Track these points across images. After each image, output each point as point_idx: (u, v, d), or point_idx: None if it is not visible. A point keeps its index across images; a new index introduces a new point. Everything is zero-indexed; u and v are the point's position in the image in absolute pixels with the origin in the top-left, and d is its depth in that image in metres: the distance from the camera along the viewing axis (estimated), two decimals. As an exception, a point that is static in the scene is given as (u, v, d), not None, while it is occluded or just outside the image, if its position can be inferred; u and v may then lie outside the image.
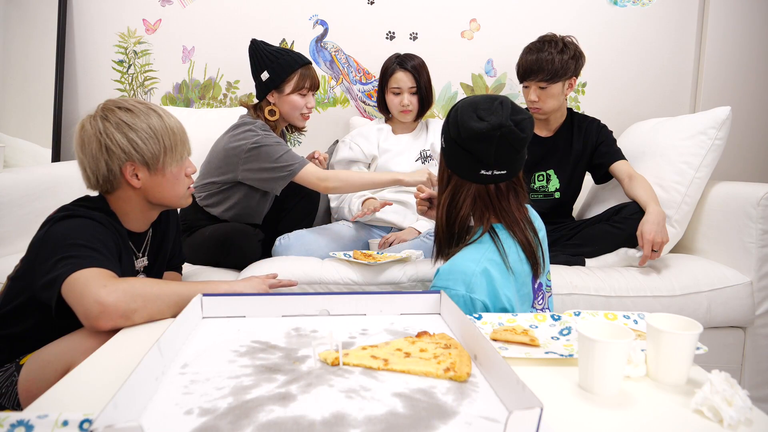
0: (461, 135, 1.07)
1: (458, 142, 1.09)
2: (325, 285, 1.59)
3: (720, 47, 2.35)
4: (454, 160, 1.13)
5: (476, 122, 1.06)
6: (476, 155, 1.08)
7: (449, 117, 1.13)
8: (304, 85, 1.78)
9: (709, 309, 1.64)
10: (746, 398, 0.66)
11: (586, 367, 0.73)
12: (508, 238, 1.13)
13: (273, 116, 1.81)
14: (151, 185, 1.17)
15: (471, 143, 1.07)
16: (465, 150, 1.09)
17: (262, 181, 1.74)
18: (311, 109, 1.85)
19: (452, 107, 1.14)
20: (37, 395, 0.73)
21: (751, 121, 2.37)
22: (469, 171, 1.11)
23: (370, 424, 0.59)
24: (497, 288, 1.06)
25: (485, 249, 1.10)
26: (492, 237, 1.11)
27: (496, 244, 1.10)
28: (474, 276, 1.05)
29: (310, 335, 0.87)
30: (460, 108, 1.10)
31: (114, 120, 1.13)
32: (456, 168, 1.13)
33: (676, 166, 1.81)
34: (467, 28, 2.40)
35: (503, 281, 1.07)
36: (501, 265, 1.08)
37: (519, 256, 1.13)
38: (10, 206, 1.70)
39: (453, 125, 1.10)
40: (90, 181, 1.17)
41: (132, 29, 2.37)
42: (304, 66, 1.79)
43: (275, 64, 1.77)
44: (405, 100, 1.98)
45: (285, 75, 1.77)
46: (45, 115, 2.28)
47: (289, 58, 1.78)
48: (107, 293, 0.96)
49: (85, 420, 0.61)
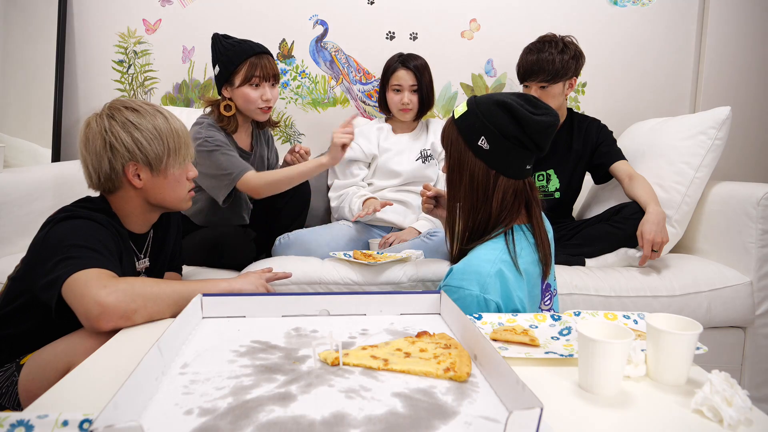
0: (526, 130, 1.09)
1: (520, 137, 1.09)
2: (325, 285, 1.59)
3: (720, 47, 2.35)
4: (503, 159, 1.11)
5: (538, 116, 1.09)
6: (538, 148, 1.11)
7: (495, 117, 1.10)
8: (254, 74, 1.66)
9: (709, 309, 1.64)
10: (746, 398, 0.66)
11: (586, 367, 0.73)
12: (522, 239, 1.13)
13: (228, 111, 1.71)
14: (153, 186, 1.17)
15: (538, 136, 1.10)
16: (524, 145, 1.10)
17: (208, 188, 1.67)
18: (269, 102, 1.72)
19: (483, 109, 1.12)
20: (37, 395, 0.73)
21: (750, 121, 2.37)
22: (518, 167, 1.13)
23: (370, 424, 0.59)
24: (510, 289, 1.06)
25: (501, 249, 1.10)
26: (506, 238, 1.12)
27: (508, 245, 1.11)
28: (489, 277, 1.05)
29: (310, 335, 0.87)
30: (506, 105, 1.09)
31: (120, 119, 1.13)
32: (504, 167, 1.12)
33: (676, 166, 1.81)
34: (467, 28, 2.40)
35: (516, 282, 1.08)
36: (514, 266, 1.09)
37: (532, 257, 1.14)
38: (10, 206, 1.70)
39: (510, 123, 1.09)
40: (92, 180, 1.17)
41: (132, 29, 2.37)
42: (256, 55, 1.68)
43: (224, 57, 1.69)
44: (405, 98, 1.98)
45: (233, 66, 1.67)
46: (45, 115, 2.28)
47: (239, 49, 1.68)
48: (107, 293, 0.96)
49: (85, 420, 0.61)
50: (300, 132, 2.44)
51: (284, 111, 2.42)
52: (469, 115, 1.14)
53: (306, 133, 2.44)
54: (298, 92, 2.41)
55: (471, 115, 1.13)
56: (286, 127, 2.43)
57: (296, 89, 2.41)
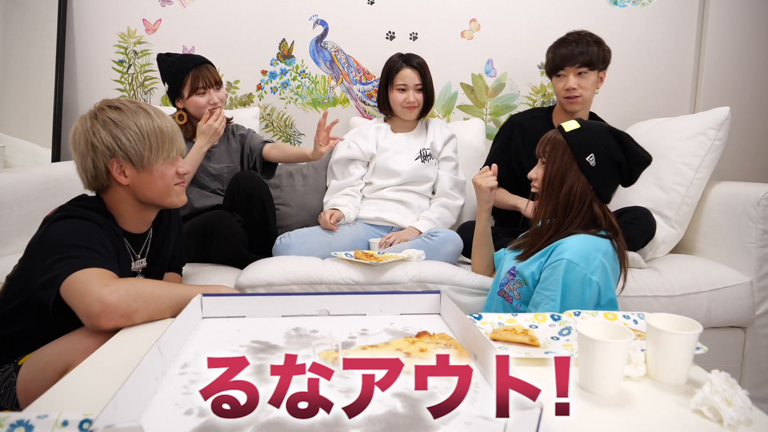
0: (629, 160, 1.24)
1: (623, 165, 1.24)
2: (326, 285, 1.59)
3: (720, 47, 2.35)
4: (603, 178, 1.24)
5: (644, 153, 1.25)
6: (631, 179, 1.27)
7: (605, 140, 1.24)
8: (199, 85, 1.83)
9: (709, 309, 1.63)
10: (746, 398, 0.66)
11: (586, 367, 0.73)
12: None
13: (182, 120, 1.88)
14: (139, 183, 1.17)
15: (637, 168, 1.26)
16: (622, 173, 1.25)
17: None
18: (217, 104, 1.86)
19: (597, 131, 1.25)
20: (36, 395, 0.72)
21: (750, 121, 2.37)
22: (610, 191, 1.28)
23: (370, 424, 0.59)
24: (609, 279, 1.17)
25: (607, 245, 1.20)
26: (612, 242, 1.23)
27: (618, 250, 1.23)
28: (597, 261, 1.15)
29: (310, 335, 0.87)
30: (617, 134, 1.25)
31: (102, 118, 1.14)
32: (601, 186, 1.25)
33: (676, 167, 1.81)
34: (467, 28, 2.40)
35: (612, 276, 1.19)
36: (613, 263, 1.20)
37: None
38: (10, 206, 1.70)
39: (618, 150, 1.23)
40: (84, 181, 1.19)
41: (132, 29, 2.36)
42: (196, 67, 1.84)
43: (169, 74, 1.87)
44: (411, 96, 1.99)
45: (179, 82, 1.84)
46: (45, 116, 2.28)
47: (180, 65, 1.85)
48: (109, 292, 0.96)
49: (85, 420, 0.60)
50: (300, 132, 2.44)
51: (284, 111, 2.42)
52: (582, 132, 1.25)
53: (306, 133, 2.44)
54: (298, 92, 2.41)
55: (584, 133, 1.24)
56: (286, 127, 2.43)
57: (296, 89, 2.41)
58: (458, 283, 1.59)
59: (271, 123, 2.42)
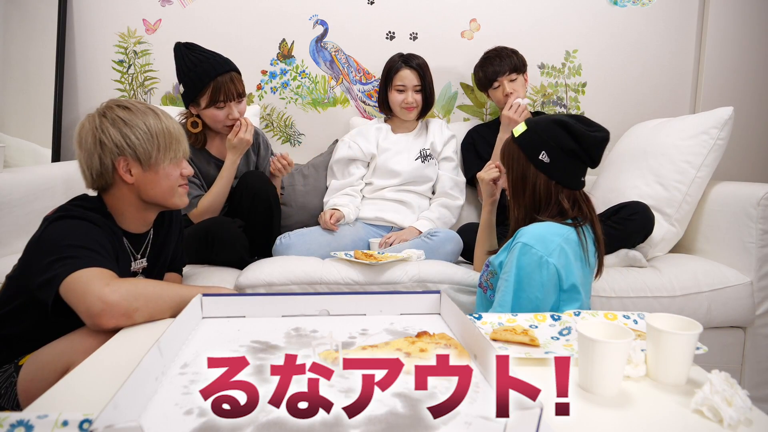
0: (582, 145, 1.23)
1: (577, 151, 1.23)
2: (326, 285, 1.59)
3: (720, 47, 2.35)
4: (562, 171, 1.24)
5: (593, 132, 1.23)
6: (592, 161, 1.26)
7: (552, 134, 1.24)
8: (219, 98, 1.67)
9: (709, 309, 1.63)
10: (746, 398, 0.66)
11: (586, 367, 0.73)
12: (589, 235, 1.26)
13: (195, 128, 1.75)
14: (144, 182, 1.17)
15: (593, 150, 1.24)
16: (580, 159, 1.24)
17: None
18: (236, 119, 1.72)
19: (542, 127, 1.25)
20: (36, 396, 0.73)
21: (751, 121, 2.37)
22: (575, 178, 1.26)
23: (370, 424, 0.59)
24: (570, 263, 1.17)
25: (569, 232, 1.20)
26: (578, 231, 1.22)
27: (580, 236, 1.21)
28: (554, 244, 1.16)
29: (310, 335, 0.87)
30: (563, 123, 1.23)
31: (111, 116, 1.15)
32: (563, 178, 1.25)
33: (678, 165, 1.81)
34: (467, 28, 2.40)
35: (576, 262, 1.19)
36: (576, 249, 1.19)
37: (590, 253, 1.25)
38: (10, 206, 1.70)
39: (567, 139, 1.23)
40: (87, 179, 1.18)
41: (132, 29, 2.36)
42: (220, 75, 1.68)
43: (188, 78, 1.69)
44: (409, 97, 1.99)
45: (197, 90, 1.68)
46: (45, 115, 2.28)
47: (202, 71, 1.67)
48: (111, 291, 0.97)
49: (85, 420, 0.60)
50: (300, 132, 2.44)
51: (284, 111, 2.42)
52: (529, 132, 1.27)
53: (306, 133, 2.44)
54: (298, 92, 2.41)
55: (531, 133, 1.26)
56: (286, 127, 2.43)
57: (296, 89, 2.41)
58: (458, 282, 1.59)
59: (271, 123, 2.42)
